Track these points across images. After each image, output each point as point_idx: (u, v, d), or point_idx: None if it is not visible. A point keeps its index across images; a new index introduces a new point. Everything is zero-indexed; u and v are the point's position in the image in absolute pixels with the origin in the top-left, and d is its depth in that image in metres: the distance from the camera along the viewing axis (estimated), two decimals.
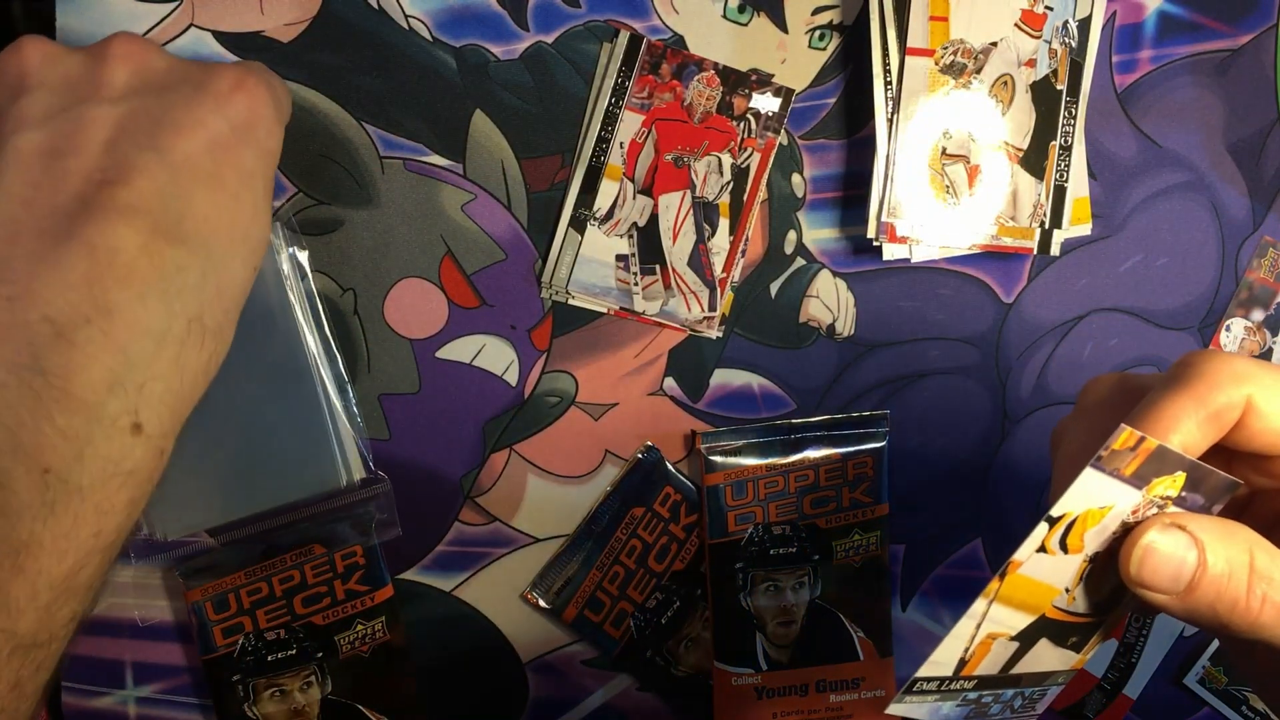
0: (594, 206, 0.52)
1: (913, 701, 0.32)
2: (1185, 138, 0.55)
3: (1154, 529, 0.30)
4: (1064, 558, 0.30)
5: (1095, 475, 0.29)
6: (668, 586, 0.54)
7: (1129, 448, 0.29)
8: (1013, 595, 0.31)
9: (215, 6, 0.51)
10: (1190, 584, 0.29)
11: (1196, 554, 0.29)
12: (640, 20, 0.52)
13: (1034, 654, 0.33)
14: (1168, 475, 0.30)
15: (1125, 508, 0.30)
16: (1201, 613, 0.30)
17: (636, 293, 0.52)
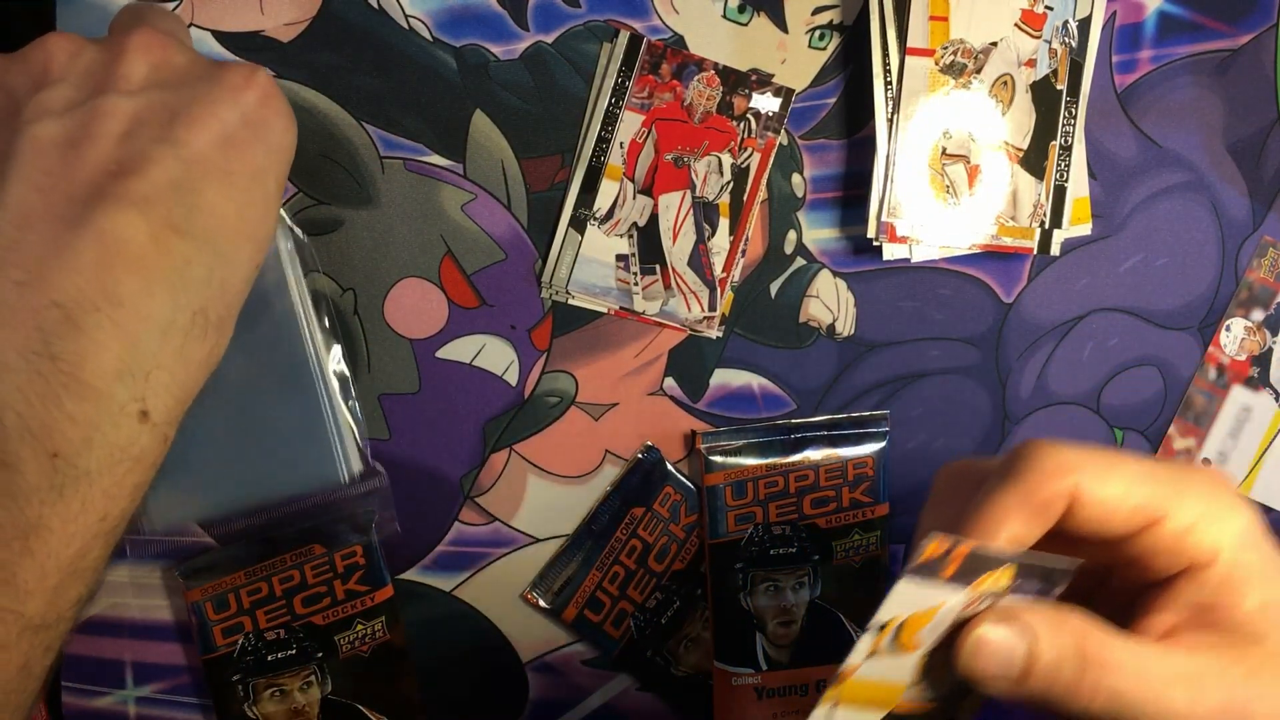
0: (594, 206, 0.52)
1: None
2: (1185, 138, 0.55)
3: (986, 622, 0.30)
4: (900, 657, 0.31)
5: (912, 583, 0.29)
6: (668, 586, 0.54)
7: (940, 554, 0.29)
8: (857, 697, 0.31)
9: (215, 6, 0.51)
10: (1022, 673, 0.30)
11: (1028, 645, 0.30)
12: (640, 20, 0.52)
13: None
14: (993, 571, 0.30)
15: (955, 604, 0.30)
16: (1036, 699, 0.30)
17: (636, 293, 0.52)
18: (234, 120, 0.38)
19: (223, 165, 0.37)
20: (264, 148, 0.39)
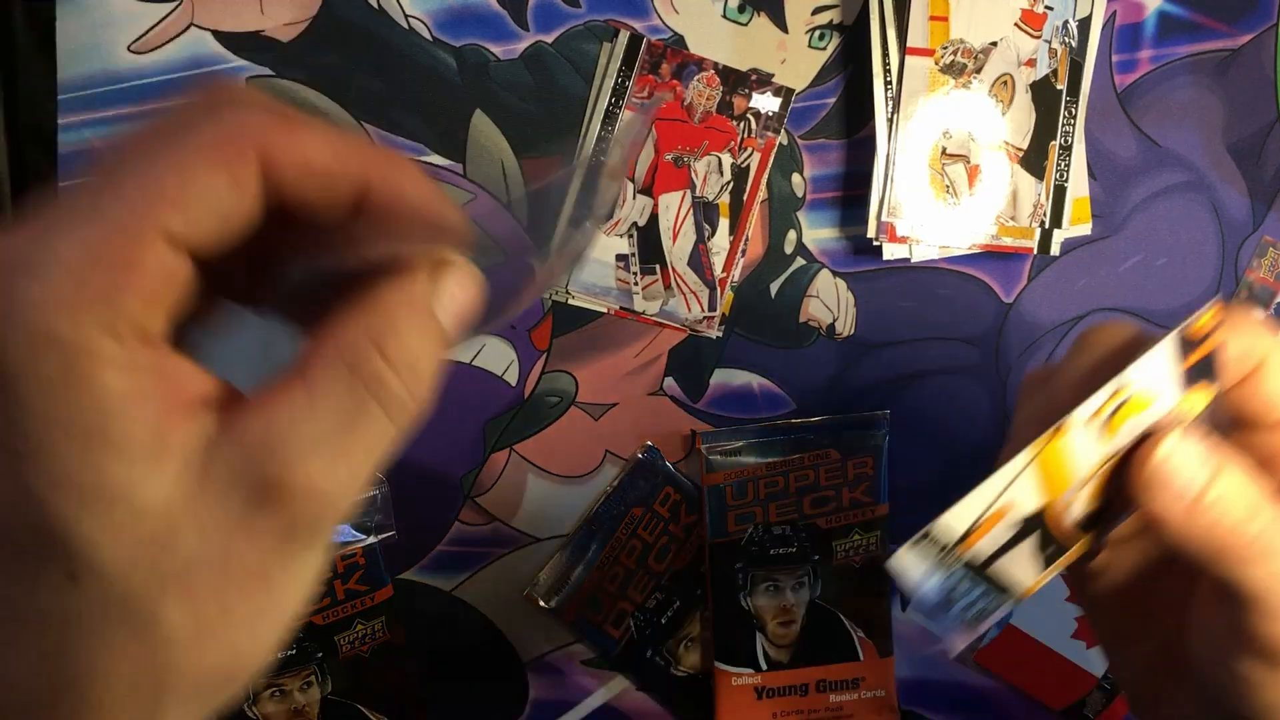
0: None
1: (914, 559, 0.31)
2: (1185, 137, 0.55)
3: (1181, 434, 0.30)
4: (1099, 442, 0.30)
5: (1173, 350, 0.29)
6: (668, 586, 0.54)
7: (1206, 332, 0.29)
8: (1048, 464, 0.31)
9: (215, 6, 0.51)
10: (1197, 499, 0.29)
11: (1211, 472, 0.30)
12: (640, 20, 0.52)
13: (1017, 552, 0.32)
14: (1203, 389, 0.30)
15: (1161, 408, 0.30)
16: (1198, 533, 0.29)
17: (636, 293, 0.52)
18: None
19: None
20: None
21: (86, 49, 0.52)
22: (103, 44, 0.52)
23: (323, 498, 0.23)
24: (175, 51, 0.51)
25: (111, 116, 0.52)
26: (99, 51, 0.52)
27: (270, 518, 0.23)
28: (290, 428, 0.22)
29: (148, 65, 0.52)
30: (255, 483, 0.22)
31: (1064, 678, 0.54)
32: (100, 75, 0.52)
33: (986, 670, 0.55)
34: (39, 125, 0.52)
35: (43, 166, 0.52)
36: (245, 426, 0.22)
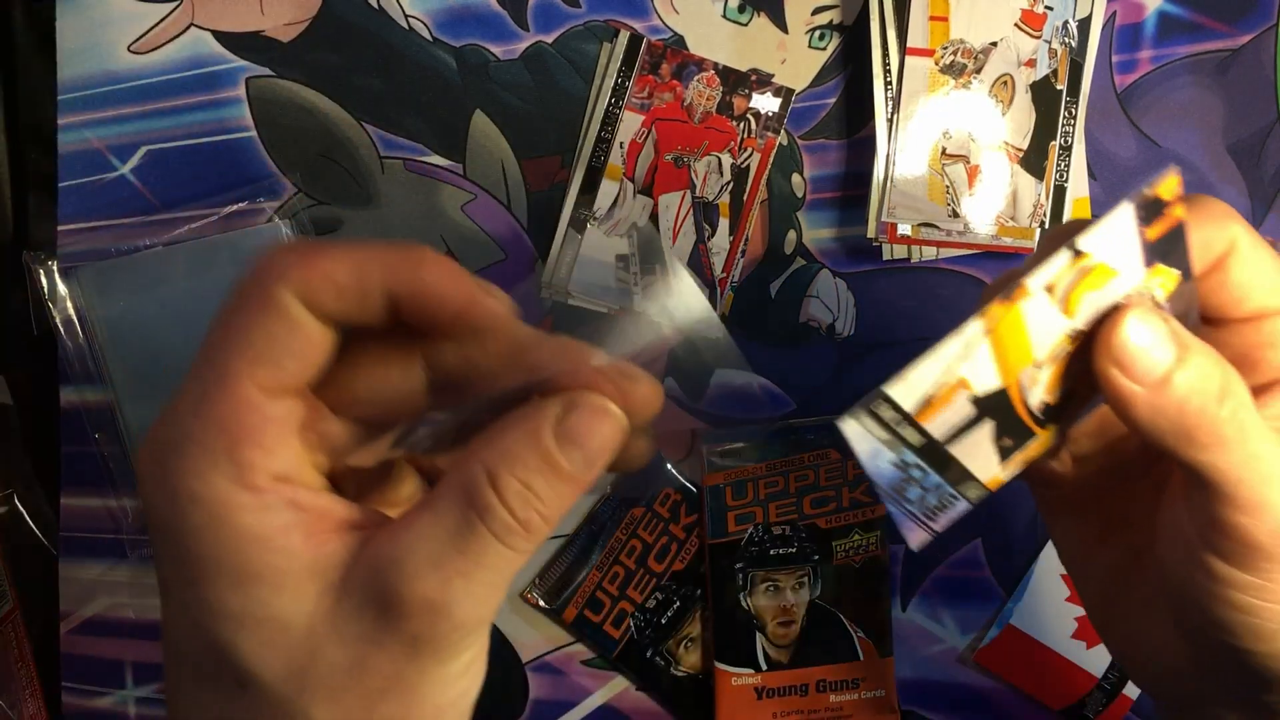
0: (594, 206, 0.52)
1: (867, 426, 0.29)
2: (1185, 138, 0.55)
3: (1146, 310, 0.28)
4: (1058, 316, 0.28)
5: (1129, 216, 0.27)
6: (668, 586, 0.54)
7: (1166, 201, 0.27)
8: (1002, 336, 0.28)
9: (215, 6, 0.51)
10: (1165, 377, 0.27)
11: (1178, 350, 0.28)
12: (640, 20, 0.52)
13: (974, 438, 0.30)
14: (1168, 270, 0.28)
15: (1125, 285, 0.28)
16: (1167, 414, 0.27)
17: (636, 293, 0.52)
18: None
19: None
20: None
21: (86, 49, 0.52)
22: (102, 44, 0.52)
23: (440, 611, 0.26)
24: (175, 51, 0.52)
25: (111, 116, 0.52)
26: (99, 51, 0.52)
27: (396, 631, 0.26)
28: (411, 548, 0.26)
29: (148, 65, 0.52)
30: (382, 598, 0.25)
31: (1064, 678, 0.54)
32: (100, 75, 0.52)
33: (986, 670, 0.55)
34: (39, 125, 0.52)
35: (43, 166, 0.52)
36: (377, 547, 0.26)
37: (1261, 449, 0.28)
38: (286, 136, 0.52)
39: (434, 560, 0.25)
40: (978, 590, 0.55)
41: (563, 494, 0.27)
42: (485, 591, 0.26)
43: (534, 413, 0.27)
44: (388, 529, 0.26)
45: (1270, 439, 0.28)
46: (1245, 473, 0.28)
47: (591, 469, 0.27)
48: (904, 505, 0.31)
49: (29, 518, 0.54)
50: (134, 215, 0.52)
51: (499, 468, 0.26)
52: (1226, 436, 0.27)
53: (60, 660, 0.53)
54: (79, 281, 0.50)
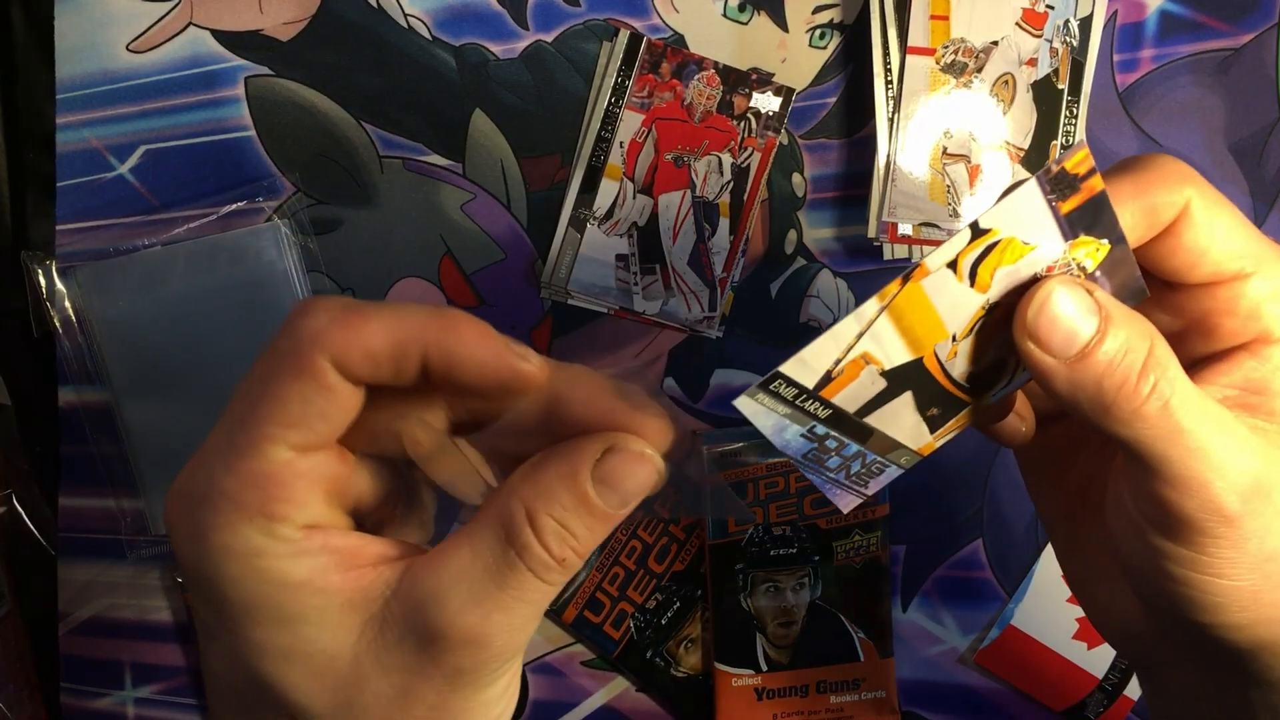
0: (594, 206, 0.52)
1: (765, 403, 0.29)
2: (1186, 137, 0.54)
3: (1063, 283, 0.27)
4: (968, 291, 0.28)
5: (1035, 192, 0.26)
6: (668, 587, 0.54)
7: (1079, 174, 0.27)
8: (905, 313, 0.28)
9: (214, 5, 0.51)
10: (1083, 350, 0.27)
11: (1098, 322, 0.27)
12: (640, 19, 0.52)
13: (893, 408, 0.30)
14: (1094, 239, 0.28)
15: (1043, 258, 0.27)
16: (1085, 388, 0.27)
17: (636, 293, 0.52)
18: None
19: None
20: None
21: (85, 48, 0.51)
22: (101, 43, 0.51)
23: (480, 643, 0.27)
24: (174, 50, 0.51)
25: (110, 116, 0.52)
26: (97, 50, 0.51)
27: (438, 662, 0.27)
28: (451, 582, 0.27)
29: (146, 64, 0.52)
30: (424, 631, 0.27)
31: (1065, 679, 0.54)
32: (99, 74, 0.52)
33: (987, 671, 0.55)
34: (37, 124, 0.52)
35: (41, 166, 0.52)
36: (416, 579, 0.27)
37: (1189, 422, 0.27)
38: (285, 136, 0.52)
39: (475, 596, 0.27)
40: (979, 591, 0.55)
41: (596, 532, 0.28)
42: (522, 623, 0.28)
43: (572, 452, 0.28)
44: (426, 562, 0.27)
45: (1201, 412, 0.27)
46: (1170, 447, 0.27)
47: (625, 509, 0.28)
48: (824, 473, 0.32)
49: (27, 518, 0.54)
50: (133, 215, 0.52)
51: (536, 506, 0.27)
52: (1147, 412, 0.27)
53: (59, 661, 0.53)
54: (77, 281, 0.50)
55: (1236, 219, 0.29)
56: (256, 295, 0.50)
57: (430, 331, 0.27)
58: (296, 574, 0.26)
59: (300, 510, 0.27)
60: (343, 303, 0.27)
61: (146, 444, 0.50)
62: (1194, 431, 0.27)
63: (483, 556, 0.27)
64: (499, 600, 0.27)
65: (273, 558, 0.26)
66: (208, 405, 0.51)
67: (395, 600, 0.27)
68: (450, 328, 0.27)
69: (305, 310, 0.27)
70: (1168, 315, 0.31)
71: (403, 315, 0.27)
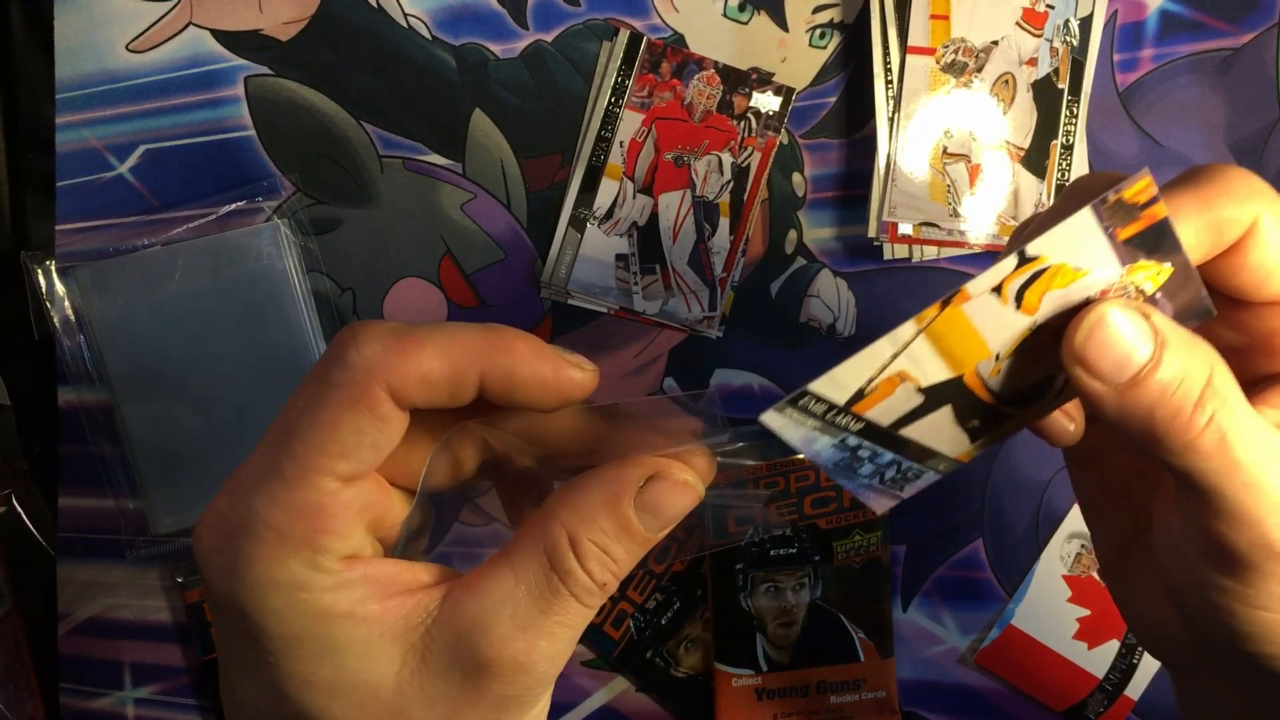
0: (594, 206, 0.52)
1: (793, 418, 0.28)
2: (1187, 137, 0.54)
3: (1116, 306, 0.26)
4: (1013, 313, 0.27)
5: (1090, 221, 0.25)
6: (668, 587, 0.54)
7: (1138, 203, 0.25)
8: (944, 335, 0.27)
9: (214, 5, 0.51)
10: (1135, 378, 0.25)
11: (1153, 348, 0.26)
12: (640, 19, 0.52)
13: (931, 421, 0.29)
14: (1155, 262, 0.26)
15: (1098, 281, 0.26)
16: (1136, 416, 0.26)
17: (636, 292, 0.52)
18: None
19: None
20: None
21: (84, 48, 0.51)
22: (101, 43, 0.51)
23: (528, 670, 0.27)
24: (174, 50, 0.51)
25: (109, 115, 0.52)
26: (97, 50, 0.51)
27: (485, 691, 0.27)
28: (494, 609, 0.27)
29: (146, 64, 0.52)
30: (469, 660, 0.27)
31: (1065, 679, 0.54)
32: (98, 74, 0.52)
33: (988, 671, 0.55)
34: (37, 124, 0.52)
35: (41, 166, 0.52)
36: (459, 608, 0.27)
37: (1246, 457, 0.26)
38: (285, 136, 0.52)
39: (520, 623, 0.27)
40: (979, 591, 0.55)
41: (635, 556, 0.28)
42: (564, 647, 0.28)
43: (616, 478, 0.28)
44: (466, 589, 0.27)
45: (1260, 445, 0.26)
46: (1224, 482, 0.26)
47: (662, 533, 0.29)
48: (858, 480, 0.31)
49: (27, 519, 0.54)
50: (132, 215, 0.52)
51: (579, 532, 0.27)
52: (1202, 444, 0.26)
53: (59, 661, 0.53)
54: (77, 281, 0.50)
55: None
56: (256, 295, 0.50)
57: (485, 351, 0.27)
58: (340, 606, 0.26)
59: (343, 541, 0.27)
60: (390, 328, 0.27)
61: (146, 444, 0.50)
62: (1251, 466, 0.26)
63: (525, 582, 0.27)
64: (543, 626, 0.27)
65: (317, 590, 0.26)
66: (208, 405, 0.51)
67: (437, 628, 0.27)
68: (505, 346, 0.27)
69: (356, 339, 0.27)
70: (1231, 331, 0.30)
71: (454, 337, 0.27)
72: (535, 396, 0.28)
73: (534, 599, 0.27)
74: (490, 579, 0.27)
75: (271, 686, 0.27)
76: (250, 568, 0.26)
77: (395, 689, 0.27)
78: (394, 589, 0.27)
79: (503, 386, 0.27)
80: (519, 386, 0.27)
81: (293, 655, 0.26)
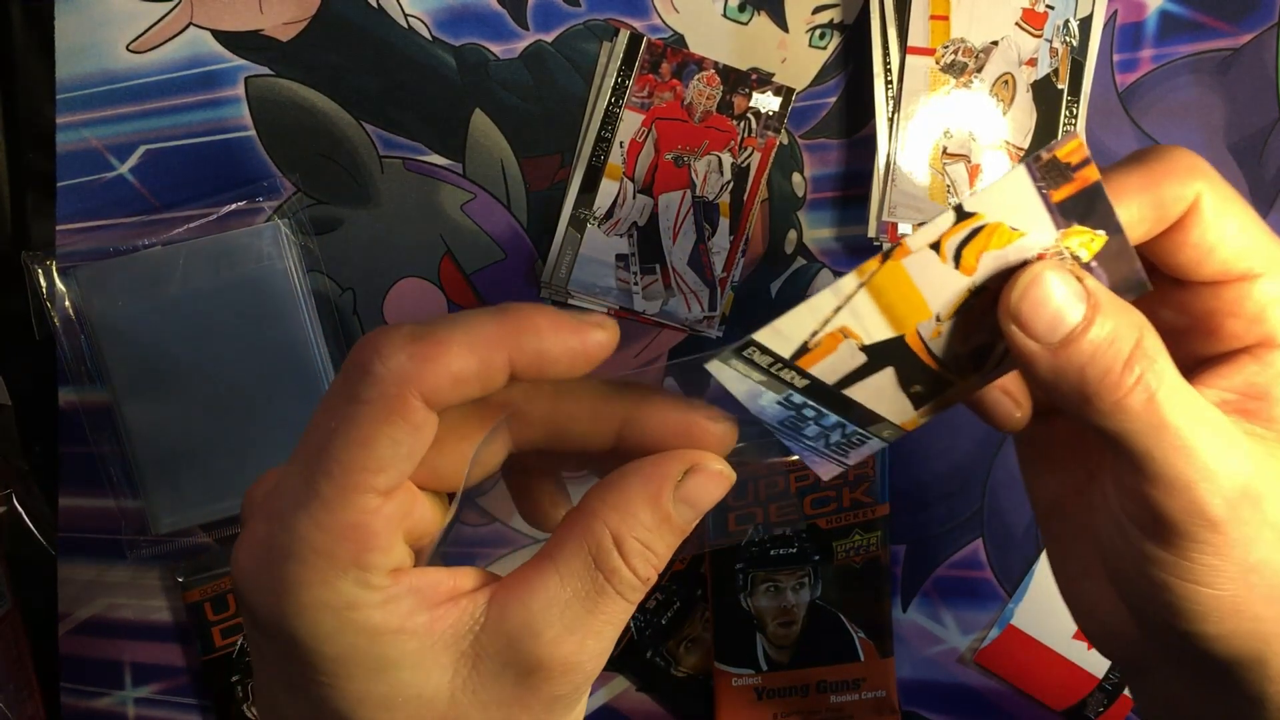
0: (594, 206, 0.52)
1: (738, 369, 0.28)
2: (1186, 137, 0.54)
3: (1051, 267, 0.26)
4: (952, 272, 0.27)
5: (1024, 180, 0.26)
6: (668, 586, 0.54)
7: (1071, 164, 0.26)
8: (886, 291, 0.27)
9: (214, 5, 0.51)
10: (1067, 337, 0.26)
11: (1085, 309, 0.26)
12: (640, 19, 0.52)
13: (874, 382, 0.29)
14: (1089, 230, 0.27)
15: (1034, 244, 0.27)
16: (1068, 376, 0.26)
17: (636, 293, 0.52)
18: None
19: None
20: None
21: (85, 48, 0.51)
22: (101, 43, 0.51)
23: (578, 669, 0.27)
24: (174, 51, 0.51)
25: (110, 116, 0.52)
26: (97, 50, 0.51)
27: (538, 692, 0.27)
28: (542, 612, 0.27)
29: (146, 64, 0.52)
30: (522, 664, 0.27)
31: (1065, 678, 0.54)
32: (99, 74, 0.52)
33: (988, 671, 0.55)
34: (37, 124, 0.52)
35: (41, 166, 0.52)
36: (506, 612, 0.27)
37: (1176, 419, 0.26)
38: (285, 136, 0.52)
39: (567, 624, 0.27)
40: (979, 590, 0.55)
41: (674, 547, 0.29)
42: (609, 645, 0.28)
43: (654, 473, 0.28)
44: (510, 593, 0.27)
45: (1190, 410, 0.26)
46: (1154, 444, 0.26)
47: (696, 521, 0.29)
48: (803, 441, 0.31)
49: (27, 518, 0.54)
50: (133, 215, 0.52)
51: (622, 531, 0.28)
52: (1130, 404, 0.26)
53: (59, 661, 0.53)
54: (77, 281, 0.50)
55: (1249, 217, 0.28)
56: (256, 295, 0.50)
57: (510, 336, 0.27)
58: (391, 622, 0.26)
59: (387, 556, 0.26)
60: (409, 333, 0.26)
61: (146, 444, 0.50)
62: (1181, 429, 0.26)
63: (571, 584, 0.27)
64: (591, 626, 0.27)
65: (367, 608, 0.26)
66: (208, 405, 0.51)
67: (486, 635, 0.27)
68: (528, 327, 0.27)
69: (379, 350, 0.26)
70: (1172, 312, 0.30)
71: (476, 330, 0.27)
72: (567, 368, 0.28)
73: (581, 599, 0.27)
74: (535, 582, 0.27)
75: (323, 707, 0.27)
76: (299, 592, 0.26)
77: (450, 698, 0.27)
78: (439, 598, 0.27)
79: (534, 366, 0.27)
80: (550, 363, 0.27)
81: (346, 675, 0.26)
